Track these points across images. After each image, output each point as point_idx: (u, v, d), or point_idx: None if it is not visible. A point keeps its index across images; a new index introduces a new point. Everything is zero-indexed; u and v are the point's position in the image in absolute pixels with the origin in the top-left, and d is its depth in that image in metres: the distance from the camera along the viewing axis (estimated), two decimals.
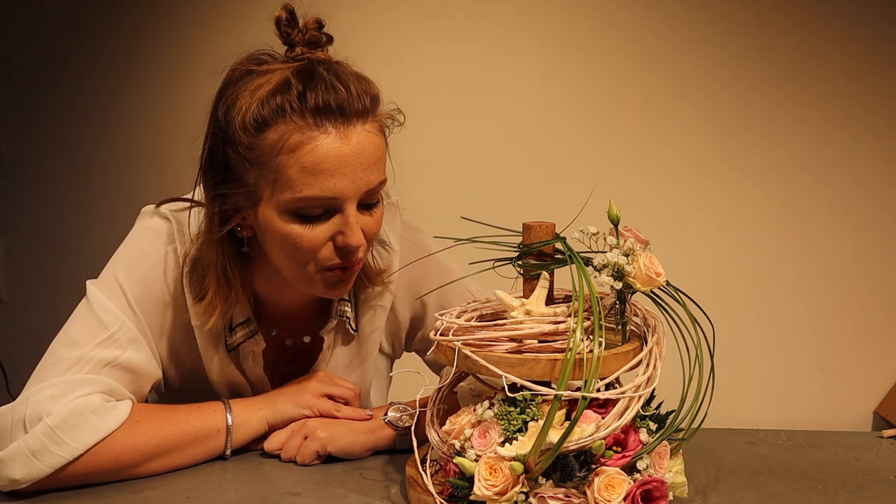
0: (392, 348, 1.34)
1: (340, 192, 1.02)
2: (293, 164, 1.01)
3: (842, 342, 2.02)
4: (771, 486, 1.05)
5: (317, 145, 1.00)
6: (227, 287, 1.11)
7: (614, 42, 2.09)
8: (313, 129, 1.00)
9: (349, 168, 1.02)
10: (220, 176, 1.07)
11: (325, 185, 1.01)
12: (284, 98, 1.00)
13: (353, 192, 1.03)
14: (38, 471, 1.00)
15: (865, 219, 2.00)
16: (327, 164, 1.01)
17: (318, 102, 1.00)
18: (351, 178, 1.02)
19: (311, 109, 1.00)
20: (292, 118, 1.00)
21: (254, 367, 1.22)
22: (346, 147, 1.02)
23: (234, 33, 2.34)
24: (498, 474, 0.88)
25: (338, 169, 1.01)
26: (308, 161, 1.00)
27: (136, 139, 2.60)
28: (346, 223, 1.04)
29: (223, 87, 1.06)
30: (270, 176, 1.03)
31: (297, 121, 1.00)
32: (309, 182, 1.01)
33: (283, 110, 1.00)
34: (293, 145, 1.00)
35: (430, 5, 2.20)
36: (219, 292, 1.11)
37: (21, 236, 2.83)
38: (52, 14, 2.68)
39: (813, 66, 1.99)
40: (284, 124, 1.01)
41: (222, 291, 1.11)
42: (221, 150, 1.05)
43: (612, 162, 2.12)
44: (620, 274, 0.94)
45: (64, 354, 1.07)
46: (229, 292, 1.12)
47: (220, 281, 1.11)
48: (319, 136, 1.01)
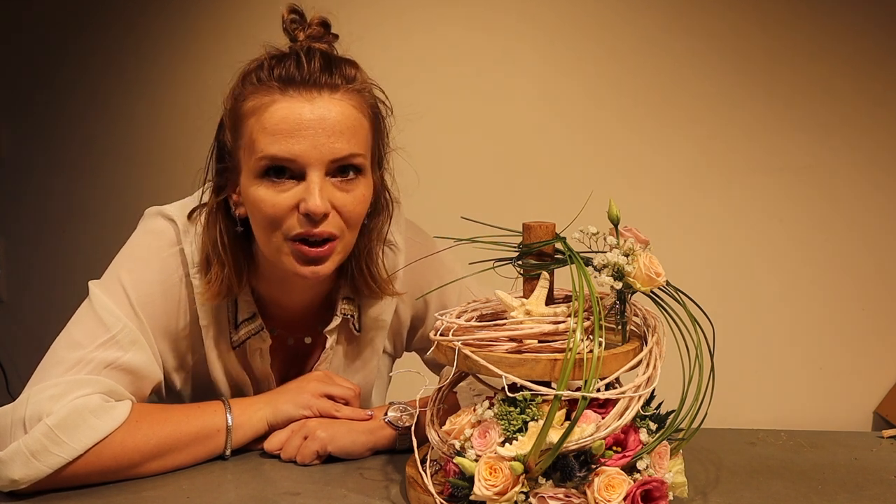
0: (394, 347, 1.34)
1: (300, 154, 1.04)
2: (258, 127, 1.06)
3: (842, 342, 2.02)
4: (771, 486, 1.05)
5: (278, 107, 1.05)
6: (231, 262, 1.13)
7: (613, 43, 2.09)
8: (276, 92, 1.06)
9: (310, 132, 1.05)
10: (220, 155, 1.14)
11: (284, 145, 1.04)
12: (257, 72, 1.08)
13: (315, 157, 1.05)
14: (37, 471, 1.00)
15: (865, 219, 2.00)
16: (286, 124, 1.04)
17: (282, 73, 1.06)
18: (312, 142, 1.05)
19: (277, 77, 1.06)
20: (261, 87, 1.07)
21: (262, 365, 1.22)
22: (308, 110, 1.05)
23: (234, 30, 2.34)
24: (498, 474, 0.88)
25: (297, 131, 1.04)
26: (269, 122, 1.05)
27: (136, 139, 2.60)
28: (306, 189, 1.05)
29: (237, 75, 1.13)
30: (244, 142, 1.08)
31: (265, 88, 1.06)
32: (269, 142, 1.05)
33: (255, 81, 1.07)
34: (258, 108, 1.06)
35: (432, 8, 2.20)
36: (224, 269, 1.13)
37: (21, 236, 2.83)
38: (52, 14, 2.68)
39: (812, 68, 1.99)
40: (255, 93, 1.07)
41: (219, 263, 1.13)
42: (221, 130, 1.13)
43: (613, 162, 2.12)
44: (620, 274, 0.94)
45: (65, 355, 1.08)
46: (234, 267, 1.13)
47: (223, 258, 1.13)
48: (281, 98, 1.06)
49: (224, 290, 1.14)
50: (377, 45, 2.16)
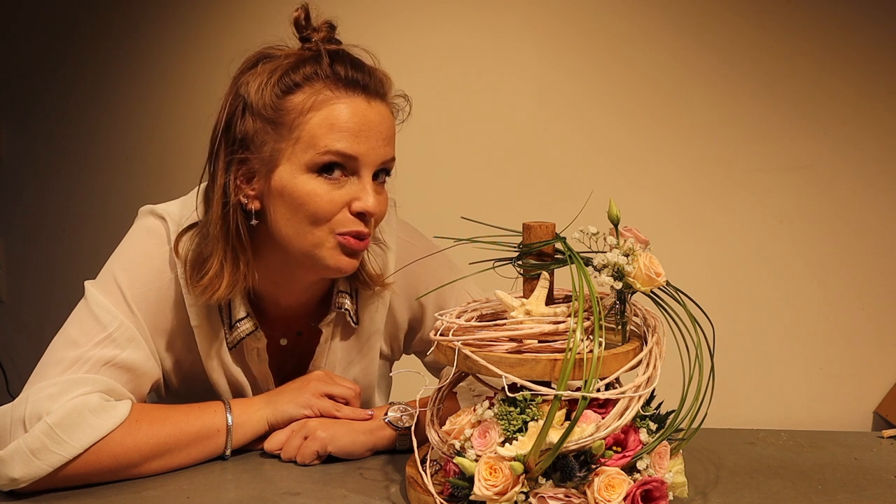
0: (391, 350, 1.34)
1: (363, 153, 1.07)
2: (321, 121, 1.05)
3: (842, 342, 2.02)
4: (771, 486, 1.05)
5: (347, 104, 1.06)
6: (234, 258, 1.10)
7: (614, 44, 2.09)
8: (342, 90, 1.07)
9: (373, 133, 1.07)
10: (236, 145, 1.09)
11: (350, 142, 1.06)
12: (315, 66, 1.07)
13: (372, 158, 1.08)
14: (37, 470, 1.00)
15: (865, 219, 2.00)
16: (354, 122, 1.06)
17: (347, 75, 1.07)
18: (372, 144, 1.07)
19: (342, 78, 1.07)
20: (324, 81, 1.06)
21: (259, 364, 1.22)
22: (372, 113, 1.08)
23: (233, 31, 2.34)
24: (498, 474, 0.88)
25: (362, 130, 1.07)
26: (337, 117, 1.06)
27: (136, 139, 2.60)
28: (362, 188, 1.08)
29: (243, 67, 1.11)
30: (293, 135, 1.06)
31: (328, 83, 1.06)
32: (336, 137, 1.05)
33: (315, 75, 1.07)
34: (323, 102, 1.06)
35: (431, 8, 2.20)
36: (227, 264, 1.10)
37: (21, 236, 2.83)
38: (51, 14, 2.68)
39: (813, 67, 1.99)
40: (313, 87, 1.06)
41: (231, 262, 1.10)
42: (239, 120, 1.08)
43: (613, 162, 2.12)
44: (620, 274, 0.94)
45: (63, 354, 1.08)
46: (237, 263, 1.11)
47: (226, 253, 1.10)
48: (350, 96, 1.07)
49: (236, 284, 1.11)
50: (377, 46, 2.16)
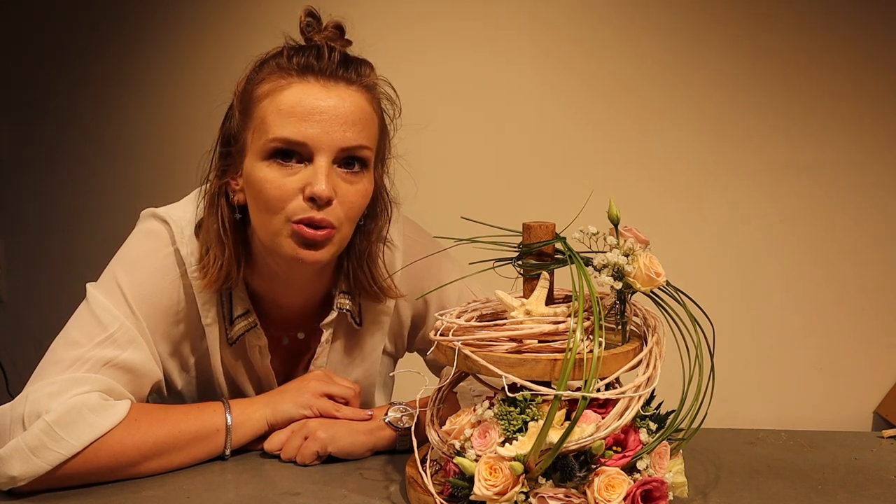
0: (395, 347, 1.34)
1: (311, 138, 1.06)
2: (272, 109, 1.07)
3: (842, 342, 2.02)
4: (771, 486, 1.05)
5: (295, 90, 1.07)
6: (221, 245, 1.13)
7: (615, 43, 2.09)
8: (294, 76, 1.08)
9: (324, 117, 1.06)
10: (227, 139, 1.14)
11: (297, 127, 1.06)
12: (276, 58, 1.10)
13: (325, 143, 1.06)
14: (36, 468, 1.00)
15: (864, 219, 2.00)
16: (301, 107, 1.06)
17: (301, 61, 1.08)
18: (324, 128, 1.06)
19: (296, 64, 1.08)
20: (279, 71, 1.09)
21: (262, 361, 1.22)
22: (324, 96, 1.07)
23: (235, 33, 2.34)
24: (498, 474, 0.88)
25: (311, 115, 1.06)
26: (284, 104, 1.06)
27: (137, 140, 2.60)
28: (314, 173, 1.06)
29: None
30: (254, 124, 1.09)
31: (282, 73, 1.08)
32: (282, 123, 1.06)
33: (276, 65, 1.09)
34: (273, 90, 1.08)
35: (431, 8, 2.20)
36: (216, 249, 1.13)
37: (21, 237, 2.83)
38: (52, 14, 2.68)
39: (812, 68, 1.99)
40: (271, 77, 1.09)
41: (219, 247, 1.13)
42: (231, 117, 1.14)
43: (613, 162, 2.12)
44: (620, 274, 0.94)
45: (63, 354, 1.08)
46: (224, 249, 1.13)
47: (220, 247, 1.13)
48: (299, 82, 1.08)
49: (223, 277, 1.13)
50: (377, 45, 2.16)
